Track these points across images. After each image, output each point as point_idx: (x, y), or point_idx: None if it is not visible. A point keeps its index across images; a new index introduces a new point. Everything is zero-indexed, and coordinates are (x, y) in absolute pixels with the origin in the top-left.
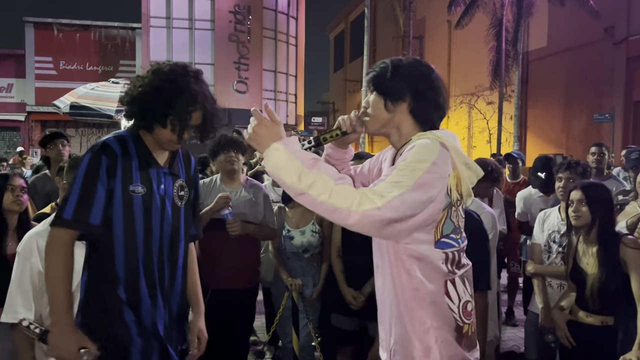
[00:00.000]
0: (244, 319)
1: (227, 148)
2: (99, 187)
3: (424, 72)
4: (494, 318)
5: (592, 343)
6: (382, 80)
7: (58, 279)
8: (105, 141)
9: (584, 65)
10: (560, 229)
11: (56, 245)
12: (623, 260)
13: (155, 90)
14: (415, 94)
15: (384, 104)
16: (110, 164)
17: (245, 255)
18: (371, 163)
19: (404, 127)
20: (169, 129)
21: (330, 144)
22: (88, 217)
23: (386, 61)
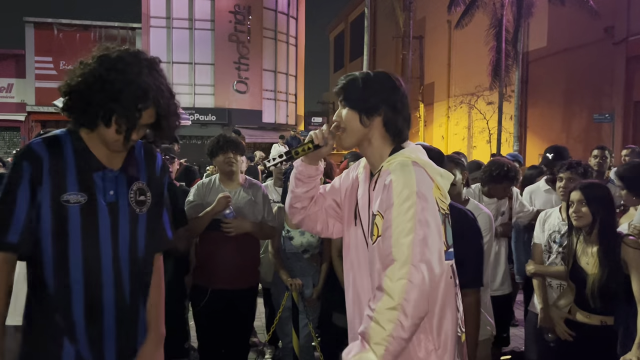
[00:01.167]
0: (244, 319)
1: (226, 149)
2: (18, 199)
3: (394, 85)
4: (491, 316)
5: (591, 343)
6: (355, 94)
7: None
8: (29, 145)
9: (584, 65)
10: (561, 229)
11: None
12: (624, 261)
13: (99, 81)
14: (389, 106)
15: (359, 118)
16: (34, 171)
17: (244, 255)
18: (341, 180)
19: (376, 140)
20: (113, 129)
21: (301, 161)
22: (5, 234)
23: (355, 74)
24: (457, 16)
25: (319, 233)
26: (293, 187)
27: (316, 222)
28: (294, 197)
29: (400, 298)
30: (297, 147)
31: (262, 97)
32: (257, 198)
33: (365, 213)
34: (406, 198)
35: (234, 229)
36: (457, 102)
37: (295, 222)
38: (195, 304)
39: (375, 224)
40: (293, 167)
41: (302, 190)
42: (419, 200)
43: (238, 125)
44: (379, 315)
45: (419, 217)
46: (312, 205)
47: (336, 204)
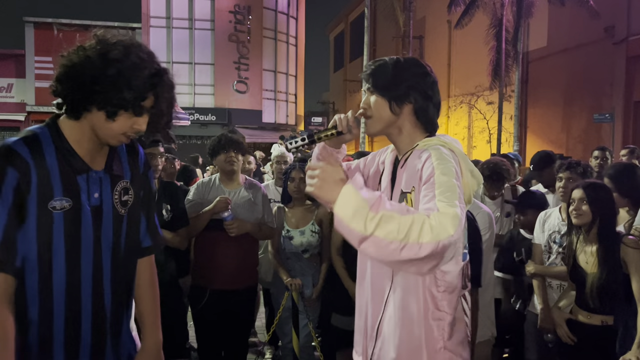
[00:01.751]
0: (244, 319)
1: (227, 148)
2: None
3: (425, 72)
4: (491, 318)
5: (591, 343)
6: (385, 80)
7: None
8: (11, 147)
9: (584, 65)
10: (561, 229)
11: None
12: (623, 260)
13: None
14: (420, 94)
15: (389, 106)
16: (21, 178)
17: (243, 256)
18: (366, 162)
19: (406, 128)
20: (123, 118)
21: (322, 144)
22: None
23: (384, 59)
24: (457, 16)
25: None
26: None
27: None
28: None
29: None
30: (320, 131)
31: (262, 97)
32: (257, 198)
33: (388, 195)
34: (446, 164)
35: (235, 230)
36: (457, 102)
37: None
38: (194, 305)
39: (405, 201)
40: (291, 168)
41: None
42: (457, 175)
43: (238, 125)
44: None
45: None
46: None
47: None
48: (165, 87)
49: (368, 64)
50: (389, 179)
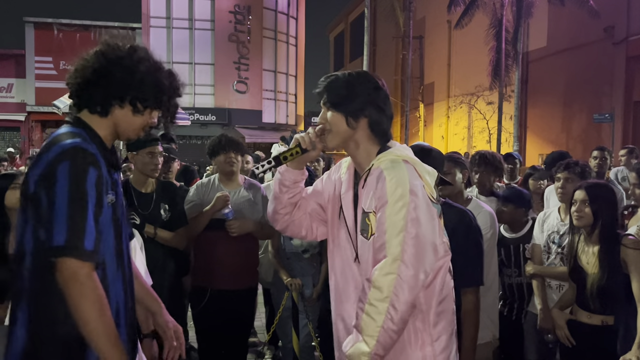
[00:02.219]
0: (244, 320)
1: (227, 149)
2: (87, 205)
3: (377, 86)
4: (494, 319)
5: (592, 343)
6: (339, 96)
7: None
8: (81, 146)
9: (584, 65)
10: (560, 229)
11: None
12: (624, 261)
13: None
14: (374, 108)
15: (345, 120)
16: (99, 175)
17: (244, 255)
18: (323, 183)
19: (362, 142)
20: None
21: (285, 167)
22: (82, 241)
23: (336, 75)
24: (457, 16)
25: (304, 237)
26: (277, 193)
27: (301, 227)
28: (278, 203)
29: (389, 292)
30: (284, 152)
31: (262, 97)
32: (257, 198)
33: (350, 212)
34: (400, 197)
35: (237, 230)
36: (457, 102)
37: (280, 228)
38: (194, 305)
39: (368, 222)
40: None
41: (287, 195)
42: (412, 198)
43: (238, 125)
44: (370, 307)
45: (411, 215)
46: (296, 211)
47: (320, 207)
48: (178, 84)
49: (321, 80)
50: (351, 198)
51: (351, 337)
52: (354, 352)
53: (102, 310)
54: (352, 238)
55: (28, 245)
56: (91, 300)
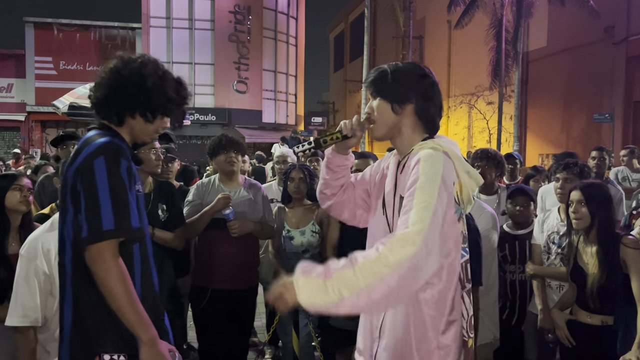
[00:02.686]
0: (244, 319)
1: (228, 148)
2: (127, 190)
3: (423, 73)
4: (494, 319)
5: (592, 343)
6: (385, 84)
7: (128, 296)
8: (113, 141)
9: (584, 65)
10: (560, 230)
11: (107, 261)
12: (623, 260)
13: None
14: (419, 94)
15: (390, 107)
16: (128, 165)
17: (244, 255)
18: (372, 170)
19: (407, 130)
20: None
21: (331, 150)
22: (129, 221)
23: (384, 66)
24: (457, 16)
25: (346, 220)
26: (323, 174)
27: (343, 210)
28: (323, 183)
29: (399, 264)
30: (325, 135)
31: (262, 97)
32: (257, 198)
33: (391, 199)
34: (432, 178)
35: (238, 230)
36: (457, 102)
37: (324, 207)
38: (195, 305)
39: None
40: (291, 168)
41: (331, 177)
42: (442, 185)
43: (238, 125)
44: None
45: (440, 199)
46: (342, 194)
47: (366, 194)
48: (185, 92)
49: (370, 72)
50: (392, 184)
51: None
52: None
53: (131, 286)
54: (390, 225)
55: (68, 236)
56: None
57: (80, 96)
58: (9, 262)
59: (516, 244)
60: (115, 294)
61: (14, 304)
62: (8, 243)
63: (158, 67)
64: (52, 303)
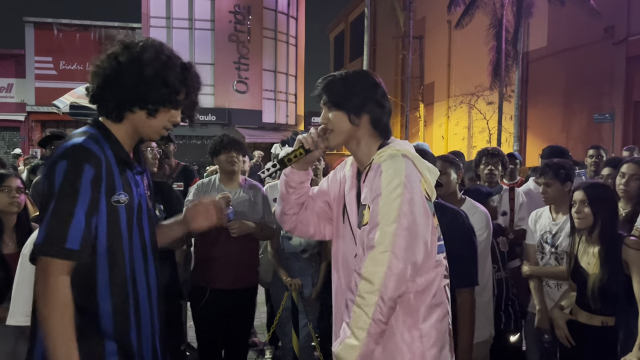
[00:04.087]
0: (244, 319)
1: (229, 148)
2: (79, 205)
3: (375, 82)
4: (489, 317)
5: (592, 343)
6: (339, 94)
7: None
8: (83, 144)
9: (584, 65)
10: (552, 229)
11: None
12: (625, 261)
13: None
14: (374, 104)
15: (347, 118)
16: (96, 174)
17: (244, 255)
18: (329, 181)
19: (364, 138)
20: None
21: (290, 168)
22: (64, 240)
23: (333, 75)
24: (457, 16)
25: (312, 236)
26: (284, 194)
27: (308, 226)
28: (285, 204)
29: (379, 284)
30: (288, 154)
31: (262, 97)
32: (257, 199)
33: (353, 208)
34: (394, 188)
35: (237, 230)
36: (457, 102)
37: (288, 228)
38: (194, 304)
39: (363, 214)
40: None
41: (293, 196)
42: (406, 191)
43: (238, 125)
44: (360, 299)
45: (404, 208)
46: (303, 211)
47: (327, 205)
48: (194, 79)
49: (318, 82)
50: (355, 194)
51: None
52: (344, 348)
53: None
54: (354, 234)
55: None
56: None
57: (80, 96)
58: (5, 263)
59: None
60: (44, 318)
61: (15, 303)
62: (4, 244)
63: (162, 52)
64: None
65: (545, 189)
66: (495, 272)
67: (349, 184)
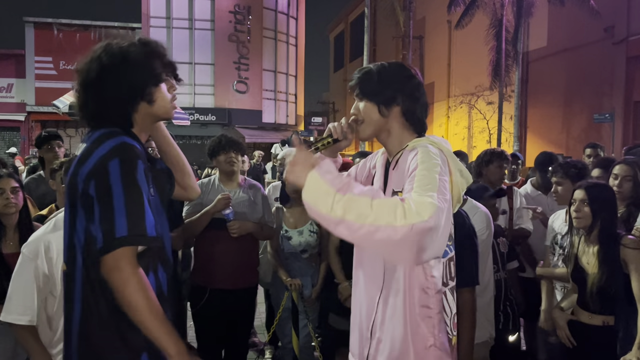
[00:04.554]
0: (244, 319)
1: (227, 148)
2: (143, 195)
3: (410, 74)
4: (490, 318)
5: (593, 343)
6: (371, 86)
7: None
8: (127, 142)
9: (584, 65)
10: (563, 230)
11: (124, 270)
12: (624, 261)
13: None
14: (406, 96)
15: (377, 109)
16: (145, 168)
17: (244, 255)
18: (358, 169)
19: (395, 130)
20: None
21: (319, 154)
22: (145, 229)
23: (369, 66)
24: (457, 16)
25: None
26: None
27: None
28: None
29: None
30: (316, 142)
31: (262, 97)
32: (257, 199)
33: None
34: (431, 160)
35: (237, 230)
36: (457, 102)
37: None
38: (194, 304)
39: None
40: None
41: None
42: (443, 171)
43: (238, 125)
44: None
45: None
46: None
47: None
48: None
49: (355, 73)
50: (382, 181)
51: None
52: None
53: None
54: None
55: (79, 244)
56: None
57: None
58: (5, 263)
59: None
60: (136, 306)
61: (10, 301)
62: (5, 243)
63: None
64: (52, 302)
65: (557, 188)
66: (495, 272)
67: (379, 173)
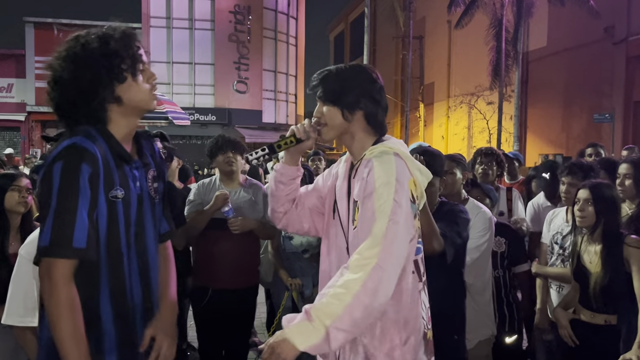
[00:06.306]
0: (244, 319)
1: (226, 149)
2: (79, 202)
3: (371, 78)
4: (491, 316)
5: (595, 342)
6: (334, 90)
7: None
8: (78, 143)
9: (584, 65)
10: (564, 230)
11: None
12: (626, 260)
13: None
14: (369, 100)
15: (341, 113)
16: (92, 171)
17: (245, 255)
18: (324, 177)
19: (358, 134)
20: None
21: (282, 162)
22: (70, 239)
23: (329, 69)
24: (457, 16)
25: (307, 233)
26: (274, 190)
27: (302, 223)
28: (275, 201)
29: (365, 275)
30: (279, 140)
31: (262, 97)
32: (257, 198)
33: (344, 203)
34: (386, 184)
35: (239, 228)
36: (457, 102)
37: (280, 226)
38: (195, 304)
39: (356, 210)
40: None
41: (283, 192)
42: (398, 187)
43: (238, 125)
44: (338, 289)
45: (397, 202)
46: (294, 208)
47: (320, 200)
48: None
49: (314, 75)
50: (345, 189)
51: (300, 315)
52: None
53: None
54: (345, 229)
55: None
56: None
57: None
58: (9, 263)
59: None
60: (54, 321)
61: (10, 304)
62: (8, 243)
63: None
64: None
65: (569, 189)
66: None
67: (341, 179)
